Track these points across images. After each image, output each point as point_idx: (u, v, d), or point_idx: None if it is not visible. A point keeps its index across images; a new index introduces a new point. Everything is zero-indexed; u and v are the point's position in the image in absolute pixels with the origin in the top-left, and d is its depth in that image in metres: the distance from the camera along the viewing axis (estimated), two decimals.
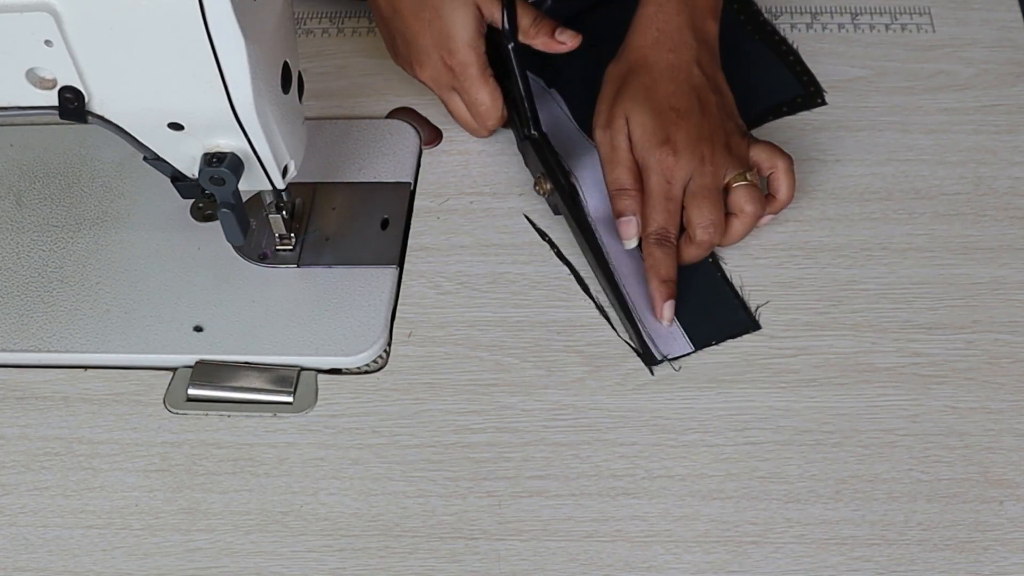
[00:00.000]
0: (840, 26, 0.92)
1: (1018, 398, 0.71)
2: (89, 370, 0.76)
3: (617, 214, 0.77)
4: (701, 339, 0.74)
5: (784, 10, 0.93)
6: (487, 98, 0.82)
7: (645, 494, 0.68)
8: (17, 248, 0.82)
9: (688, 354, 0.74)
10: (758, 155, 0.78)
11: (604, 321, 0.76)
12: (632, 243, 0.77)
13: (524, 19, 0.80)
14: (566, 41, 0.80)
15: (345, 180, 0.84)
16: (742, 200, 0.76)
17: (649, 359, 0.74)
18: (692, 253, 0.76)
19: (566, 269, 0.79)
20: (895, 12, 0.92)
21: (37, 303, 0.79)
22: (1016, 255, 0.78)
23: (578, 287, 0.77)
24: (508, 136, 0.86)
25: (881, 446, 0.69)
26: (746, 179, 0.76)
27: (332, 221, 0.82)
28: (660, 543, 0.66)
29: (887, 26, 0.91)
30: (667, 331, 0.75)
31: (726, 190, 0.76)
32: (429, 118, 0.88)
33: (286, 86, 0.69)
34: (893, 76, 0.88)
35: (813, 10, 0.93)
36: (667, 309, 0.75)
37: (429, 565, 0.66)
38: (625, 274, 0.77)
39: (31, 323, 0.77)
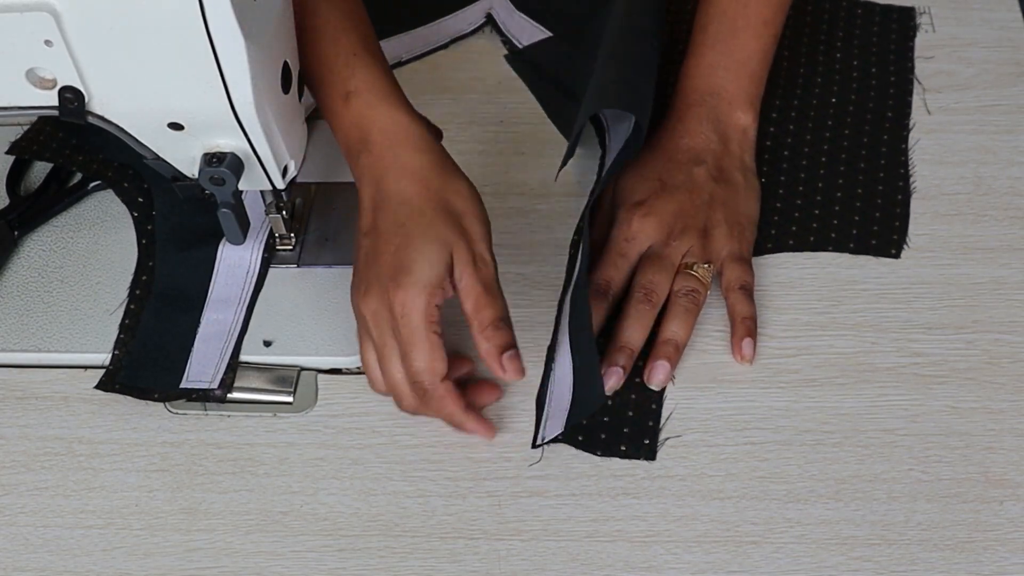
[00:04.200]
0: None
1: (1018, 398, 0.71)
2: (89, 370, 0.75)
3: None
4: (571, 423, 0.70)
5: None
6: (422, 357, 0.66)
7: (645, 494, 0.68)
8: (17, 248, 0.82)
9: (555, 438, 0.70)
10: (728, 270, 0.75)
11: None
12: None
13: (486, 312, 0.68)
14: (507, 370, 0.68)
15: (345, 180, 0.84)
16: (680, 285, 0.74)
17: (535, 439, 0.70)
18: (629, 319, 0.73)
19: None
20: None
21: (37, 303, 0.79)
22: (1016, 255, 0.78)
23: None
24: (508, 136, 0.86)
25: (881, 446, 0.69)
26: (695, 271, 0.74)
27: (332, 221, 0.82)
28: (660, 543, 0.66)
29: None
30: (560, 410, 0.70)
31: (676, 271, 0.75)
32: (429, 118, 0.88)
33: (286, 86, 0.69)
34: None
35: None
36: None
37: (429, 565, 0.66)
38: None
39: (31, 323, 0.77)
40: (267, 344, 0.75)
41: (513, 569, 0.66)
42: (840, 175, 0.82)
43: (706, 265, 0.75)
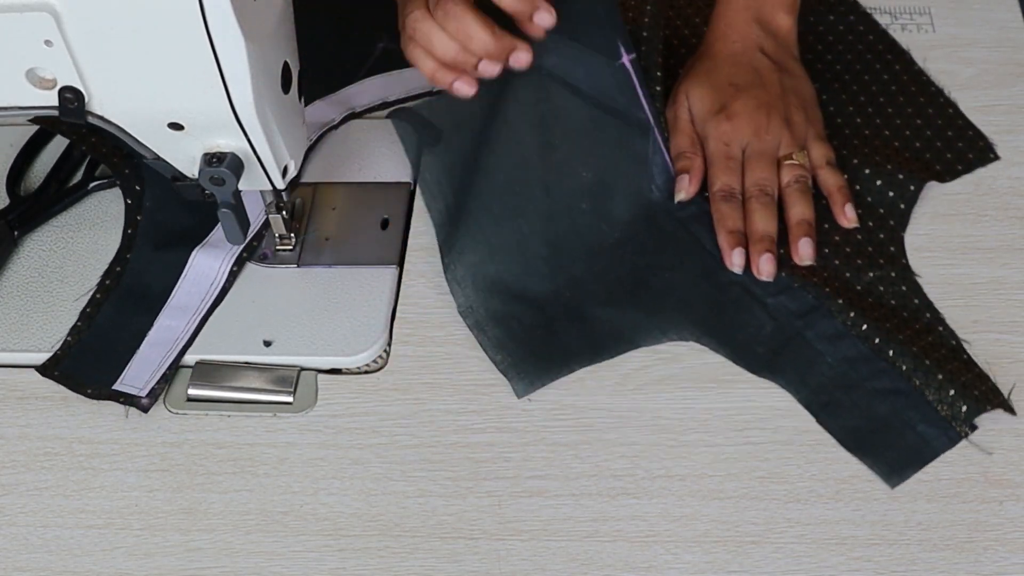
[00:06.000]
0: None
1: (1018, 398, 0.71)
2: None
3: (677, 172, 0.80)
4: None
5: None
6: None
7: (645, 494, 0.68)
8: (17, 248, 0.82)
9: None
10: (814, 149, 0.80)
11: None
12: (682, 196, 0.79)
13: None
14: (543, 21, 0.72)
15: (345, 180, 0.84)
16: (789, 176, 0.78)
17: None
18: (755, 214, 0.77)
19: None
20: (895, 12, 0.92)
21: (37, 303, 0.79)
22: (1016, 255, 0.78)
23: None
24: None
25: None
26: (795, 159, 0.78)
27: (332, 221, 0.82)
28: (660, 543, 0.66)
29: (887, 26, 0.91)
30: None
31: (778, 164, 0.79)
32: None
33: (286, 86, 0.69)
34: None
35: None
36: (736, 256, 0.76)
37: (429, 565, 0.66)
38: None
39: (31, 323, 0.77)
40: (267, 344, 0.75)
41: (513, 569, 0.66)
42: (891, 115, 0.84)
43: (802, 151, 0.79)
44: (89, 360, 0.74)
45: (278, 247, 0.80)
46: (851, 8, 0.92)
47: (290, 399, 0.74)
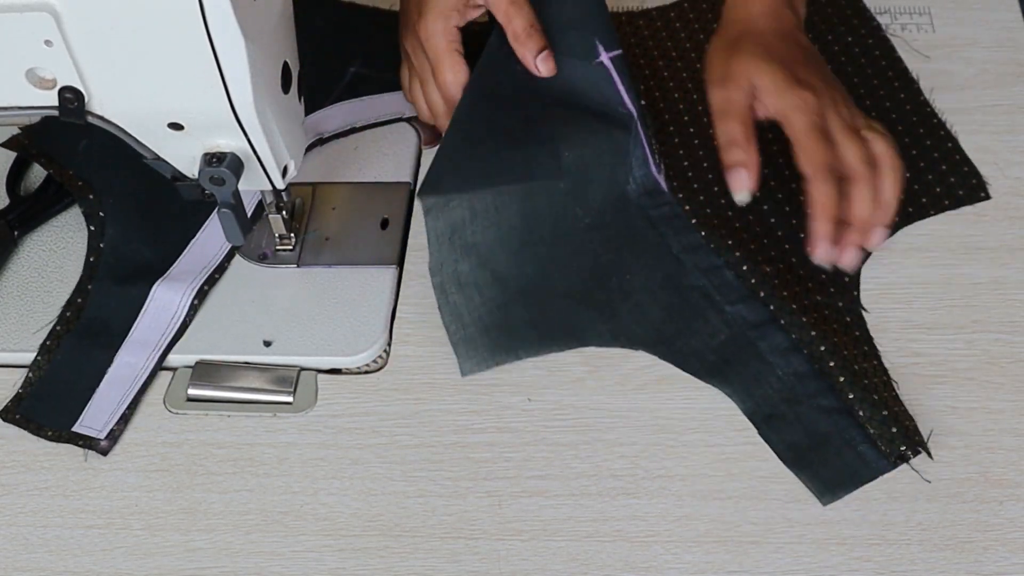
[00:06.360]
0: None
1: (1018, 398, 0.71)
2: None
3: (728, 166, 0.73)
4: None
5: None
6: (448, 70, 0.78)
7: (645, 494, 0.68)
8: (17, 248, 0.82)
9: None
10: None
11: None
12: (744, 196, 0.72)
13: (517, 20, 0.76)
14: (540, 69, 0.77)
15: (345, 180, 0.84)
16: (880, 146, 0.72)
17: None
18: (858, 195, 0.71)
19: None
20: (895, 12, 0.92)
21: (37, 303, 0.79)
22: (1016, 255, 0.78)
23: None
24: None
25: None
26: (875, 128, 0.74)
27: (332, 221, 0.82)
28: (660, 543, 0.66)
29: (887, 26, 0.91)
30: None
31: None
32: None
33: (286, 86, 0.69)
34: None
35: None
36: (826, 251, 0.71)
37: (429, 565, 0.66)
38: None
39: (31, 323, 0.77)
40: (267, 344, 0.75)
41: (513, 569, 0.66)
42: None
43: (872, 115, 0.76)
44: (49, 400, 0.73)
45: (278, 247, 0.80)
46: (872, 32, 0.89)
47: (290, 399, 0.74)
